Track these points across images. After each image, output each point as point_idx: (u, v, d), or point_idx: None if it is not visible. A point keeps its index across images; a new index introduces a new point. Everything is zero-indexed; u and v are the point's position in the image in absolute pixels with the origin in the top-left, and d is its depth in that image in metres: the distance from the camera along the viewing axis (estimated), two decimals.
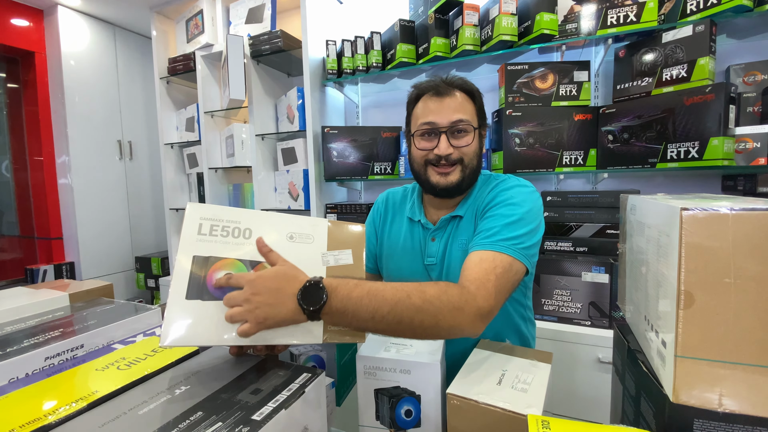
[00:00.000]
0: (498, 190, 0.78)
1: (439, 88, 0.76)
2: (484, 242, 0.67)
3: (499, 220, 0.70)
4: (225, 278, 0.54)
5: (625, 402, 0.51)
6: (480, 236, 0.69)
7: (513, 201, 0.74)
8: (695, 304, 0.36)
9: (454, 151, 0.75)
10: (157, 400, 0.49)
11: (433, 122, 0.76)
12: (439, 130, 0.75)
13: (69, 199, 2.18)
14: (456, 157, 0.76)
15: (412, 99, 0.82)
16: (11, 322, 0.74)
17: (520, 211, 0.71)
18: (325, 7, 1.85)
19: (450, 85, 0.77)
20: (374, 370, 0.61)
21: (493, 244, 0.66)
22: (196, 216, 0.56)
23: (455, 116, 0.75)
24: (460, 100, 0.76)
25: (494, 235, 0.68)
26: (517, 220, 0.70)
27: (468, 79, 0.80)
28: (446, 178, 0.77)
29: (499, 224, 0.69)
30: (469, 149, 0.76)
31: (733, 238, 0.34)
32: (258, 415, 0.45)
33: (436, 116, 0.75)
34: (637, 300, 0.51)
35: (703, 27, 1.19)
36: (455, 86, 0.77)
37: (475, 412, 0.50)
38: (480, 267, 0.63)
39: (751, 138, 1.16)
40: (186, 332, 0.50)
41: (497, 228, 0.69)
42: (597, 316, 1.27)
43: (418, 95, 0.80)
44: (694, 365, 0.36)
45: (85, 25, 2.20)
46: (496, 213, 0.72)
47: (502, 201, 0.74)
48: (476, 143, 0.78)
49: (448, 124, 0.75)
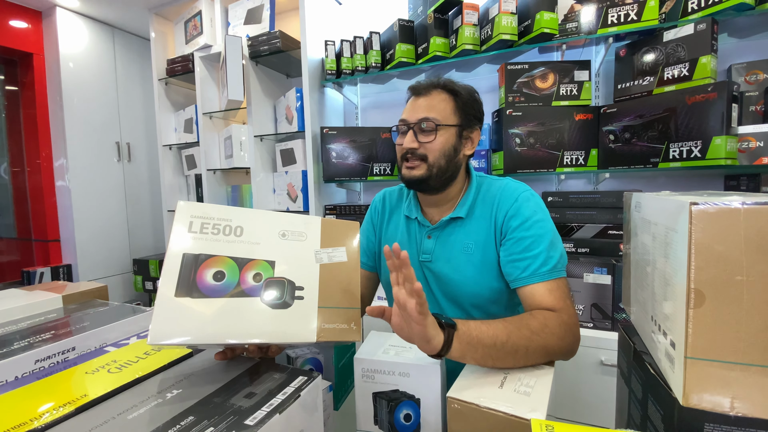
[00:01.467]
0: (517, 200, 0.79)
1: (419, 88, 0.82)
2: (542, 272, 0.72)
3: (541, 242, 0.74)
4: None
5: (632, 406, 0.50)
6: (533, 265, 0.73)
7: (540, 216, 0.77)
8: (706, 303, 0.34)
9: (419, 146, 0.79)
10: (147, 404, 0.47)
11: (404, 119, 0.81)
12: (408, 126, 0.80)
13: (67, 201, 2.16)
14: (421, 153, 0.79)
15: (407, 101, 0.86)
16: (2, 324, 0.73)
17: (550, 227, 0.77)
18: (324, 8, 1.85)
19: (431, 85, 0.81)
20: (372, 373, 0.60)
21: (551, 272, 0.72)
22: (187, 214, 0.55)
23: (422, 114, 0.79)
24: (435, 100, 0.80)
25: (546, 262, 0.72)
26: (553, 238, 0.75)
27: (457, 81, 0.82)
28: (411, 171, 0.80)
29: (544, 247, 0.73)
30: (432, 146, 0.78)
31: (745, 233, 0.33)
32: (251, 420, 0.43)
33: (408, 114, 0.81)
34: (643, 300, 0.49)
35: (704, 25, 1.18)
36: (436, 86, 0.81)
37: (477, 416, 0.48)
38: (554, 296, 0.70)
39: (754, 137, 1.15)
40: (173, 329, 0.49)
41: (544, 253, 0.73)
42: (599, 317, 1.25)
43: (407, 98, 0.85)
44: (705, 367, 0.34)
45: (84, 27, 2.20)
46: (531, 233, 0.75)
47: (530, 217, 0.76)
48: (444, 141, 0.79)
49: (415, 120, 0.79)
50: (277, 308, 0.54)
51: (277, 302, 0.55)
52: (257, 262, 0.56)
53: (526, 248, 0.74)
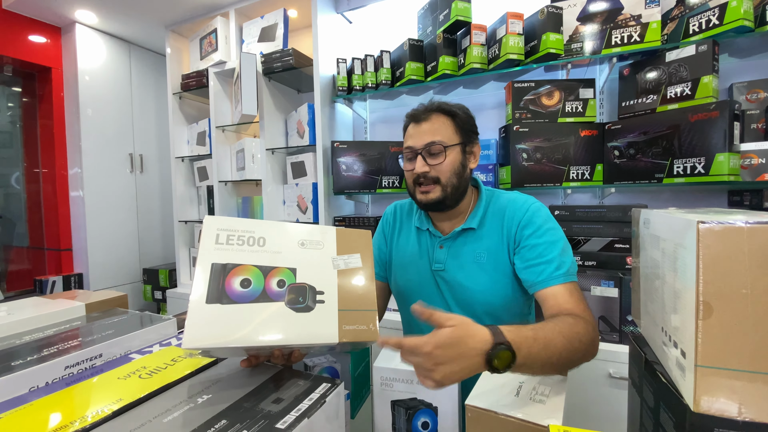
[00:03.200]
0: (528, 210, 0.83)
1: (418, 115, 0.85)
2: (558, 275, 0.75)
3: (554, 248, 0.77)
4: (405, 348, 0.52)
5: (644, 414, 0.51)
6: (549, 269, 0.76)
7: (550, 225, 0.81)
8: (714, 315, 0.37)
9: (430, 169, 0.82)
10: (180, 408, 0.49)
11: (411, 146, 0.84)
12: (416, 152, 0.83)
13: (80, 211, 2.21)
14: (433, 176, 0.82)
15: (404, 128, 0.90)
16: (29, 332, 0.75)
17: (560, 234, 0.80)
18: (336, 27, 1.91)
19: (428, 110, 0.85)
20: (391, 382, 0.62)
21: (566, 276, 0.75)
22: (213, 227, 0.59)
23: (428, 138, 0.82)
24: (436, 124, 0.83)
25: (561, 266, 0.76)
26: (564, 245, 0.79)
27: (450, 102, 0.86)
28: (427, 196, 0.84)
29: (557, 253, 0.77)
30: (443, 167, 0.82)
31: (748, 250, 0.35)
32: (282, 424, 0.45)
33: (414, 140, 0.84)
34: (653, 312, 0.52)
35: (705, 47, 1.22)
36: (433, 110, 0.84)
37: (495, 423, 0.50)
38: (573, 298, 0.72)
39: (756, 154, 1.18)
40: (206, 333, 0.52)
41: (557, 259, 0.76)
42: (607, 330, 1.26)
43: (406, 124, 0.89)
44: (714, 375, 0.37)
45: (102, 43, 2.27)
46: (544, 240, 0.79)
47: (542, 225, 0.80)
48: (452, 161, 0.83)
49: (422, 146, 0.82)
50: (301, 312, 0.57)
51: (300, 306, 0.58)
52: (280, 270, 0.60)
53: (539, 254, 0.77)
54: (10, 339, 0.70)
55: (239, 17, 2.00)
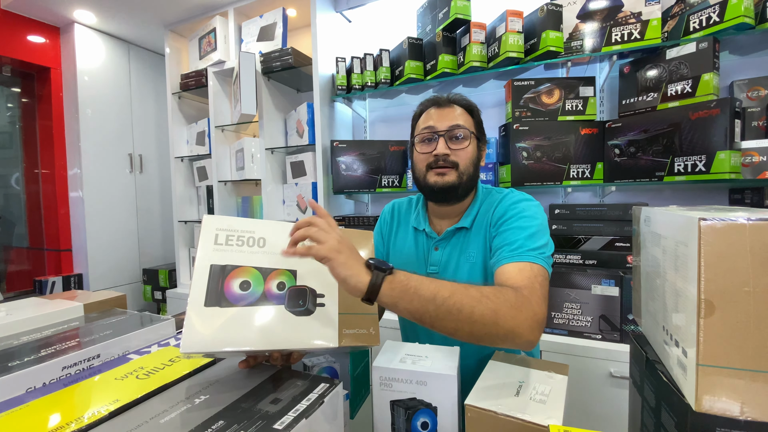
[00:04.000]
0: (508, 203, 0.81)
1: (440, 101, 0.84)
2: (514, 254, 0.70)
3: (520, 232, 0.73)
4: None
5: (645, 414, 0.51)
6: (507, 249, 0.72)
7: (526, 214, 0.77)
8: (715, 313, 0.36)
9: (451, 152, 0.80)
10: (177, 409, 0.49)
11: (433, 126, 0.82)
12: (438, 133, 0.81)
13: (79, 211, 2.21)
14: (453, 160, 0.81)
15: (417, 114, 0.89)
16: (27, 332, 0.75)
17: (536, 223, 0.75)
18: (335, 26, 1.91)
19: (450, 99, 0.85)
20: (390, 382, 0.61)
21: (523, 254, 0.69)
22: (213, 227, 0.58)
23: (453, 122, 0.81)
24: (458, 111, 0.83)
25: (521, 247, 0.70)
26: (536, 232, 0.73)
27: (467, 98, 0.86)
28: (443, 178, 0.81)
29: (522, 237, 0.72)
30: (464, 153, 0.81)
31: (750, 247, 0.35)
32: (280, 425, 0.45)
33: (436, 122, 0.82)
34: (654, 311, 0.51)
35: (706, 44, 1.21)
36: (455, 101, 0.85)
37: (495, 423, 0.49)
38: (522, 275, 0.65)
39: (757, 152, 1.17)
40: (205, 338, 0.51)
41: (521, 240, 0.71)
42: (608, 329, 1.26)
43: (421, 110, 0.87)
44: (716, 374, 0.36)
45: (101, 42, 2.27)
46: (513, 226, 0.75)
47: (515, 214, 0.77)
48: (473, 150, 0.83)
49: (447, 128, 0.81)
50: (301, 315, 0.57)
51: (300, 309, 0.57)
52: (280, 272, 0.59)
53: (504, 239, 0.75)
54: (8, 339, 0.70)
55: (238, 16, 2.00)
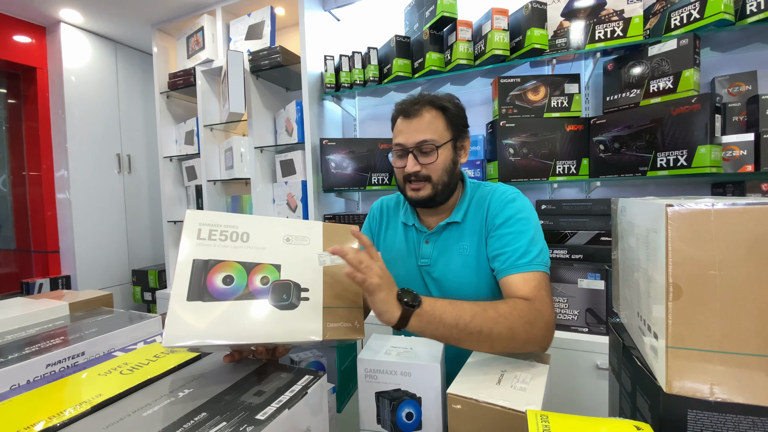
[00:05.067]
0: (502, 200, 0.83)
1: (408, 110, 0.81)
2: (518, 264, 0.74)
3: (520, 237, 0.76)
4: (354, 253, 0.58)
5: (622, 399, 0.52)
6: (510, 258, 0.75)
7: (522, 216, 0.79)
8: (683, 297, 0.37)
9: (421, 168, 0.80)
10: (160, 402, 0.49)
11: (401, 143, 0.82)
12: (407, 149, 0.81)
13: (67, 213, 2.18)
14: (424, 174, 0.81)
15: (393, 119, 0.87)
16: (11, 331, 0.74)
17: (532, 225, 0.79)
18: (323, 24, 1.91)
19: (418, 104, 0.81)
20: (375, 373, 0.62)
21: (529, 264, 0.73)
22: (195, 222, 0.58)
23: (420, 137, 0.79)
24: (427, 120, 0.80)
25: (524, 255, 0.74)
26: (534, 235, 0.77)
27: (439, 95, 0.83)
28: (417, 193, 0.82)
29: (523, 243, 0.76)
30: (435, 166, 0.80)
31: (716, 232, 0.36)
32: (262, 415, 0.45)
33: (404, 137, 0.81)
34: (630, 298, 0.53)
35: (687, 41, 1.24)
36: (424, 104, 0.81)
37: (476, 411, 0.50)
38: (529, 286, 0.71)
39: (737, 146, 1.20)
40: (187, 332, 0.51)
41: (524, 247, 0.75)
42: (594, 322, 1.28)
43: (395, 117, 0.85)
44: (686, 355, 0.37)
45: (87, 42, 2.24)
46: (513, 230, 0.78)
47: (513, 215, 0.80)
48: (444, 158, 0.81)
49: (414, 144, 0.80)
50: (284, 309, 0.57)
51: (284, 304, 0.57)
52: (264, 266, 0.59)
53: (506, 243, 0.77)
54: None
55: (226, 15, 1.99)
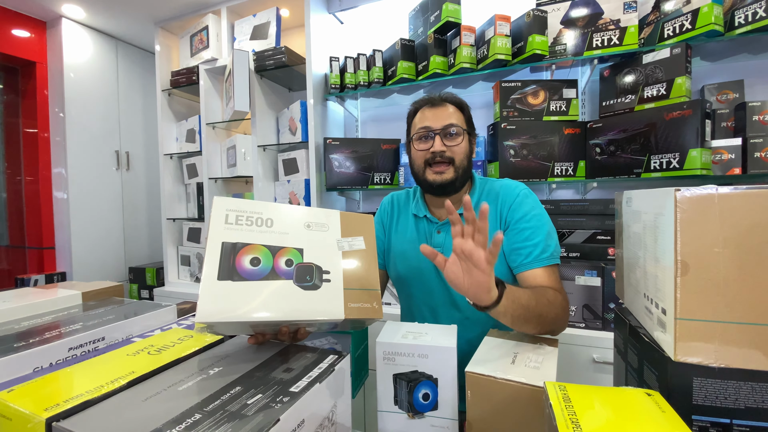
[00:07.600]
0: (519, 195, 0.88)
1: (434, 100, 0.91)
2: (543, 258, 0.81)
3: (539, 232, 0.83)
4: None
5: (629, 377, 0.56)
6: (535, 252, 0.82)
7: (538, 210, 0.86)
8: (690, 272, 0.41)
9: (446, 149, 0.87)
10: (193, 378, 0.51)
11: (429, 126, 0.89)
12: (434, 132, 0.88)
13: (64, 209, 2.16)
14: (449, 156, 0.87)
15: (411, 113, 0.95)
16: (28, 318, 0.75)
17: (546, 218, 0.86)
18: (328, 27, 1.94)
19: (442, 99, 0.91)
20: (393, 356, 0.65)
21: (549, 259, 0.81)
22: (223, 207, 0.61)
23: (447, 121, 0.88)
24: (451, 110, 0.89)
25: (545, 250, 0.82)
26: (549, 229, 0.84)
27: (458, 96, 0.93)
28: (441, 175, 0.88)
29: (542, 237, 0.82)
30: (459, 149, 0.88)
31: (720, 213, 0.40)
32: (295, 388, 0.48)
33: (431, 121, 0.89)
34: (635, 281, 0.56)
35: (679, 50, 1.30)
36: (447, 100, 0.91)
37: (494, 387, 0.53)
38: (552, 278, 0.80)
39: (726, 150, 1.26)
40: (218, 307, 0.54)
41: (543, 242, 0.82)
42: (591, 318, 1.32)
43: (416, 109, 0.93)
44: (692, 326, 0.41)
45: (88, 38, 2.24)
46: (531, 225, 0.84)
47: (530, 211, 0.86)
48: (466, 145, 0.89)
49: (441, 126, 0.88)
50: (308, 290, 0.60)
51: (307, 284, 0.60)
52: (288, 250, 0.62)
53: (527, 237, 0.83)
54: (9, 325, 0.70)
55: (231, 15, 2.01)
